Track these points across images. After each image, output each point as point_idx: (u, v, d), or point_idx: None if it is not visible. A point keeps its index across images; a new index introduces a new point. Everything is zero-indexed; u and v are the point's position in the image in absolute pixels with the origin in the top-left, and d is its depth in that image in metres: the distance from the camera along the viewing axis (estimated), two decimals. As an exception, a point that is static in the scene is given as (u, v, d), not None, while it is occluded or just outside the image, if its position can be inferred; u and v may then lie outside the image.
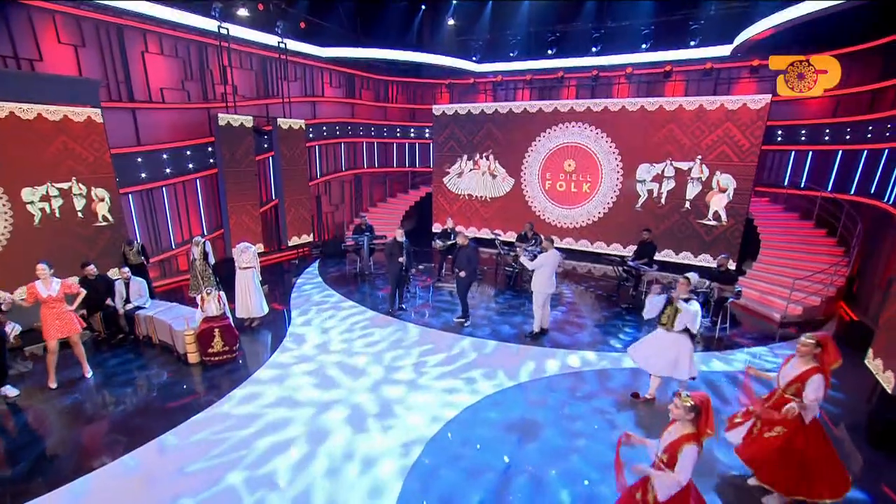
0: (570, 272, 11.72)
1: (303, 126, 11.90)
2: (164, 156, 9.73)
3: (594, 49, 12.65)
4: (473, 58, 14.63)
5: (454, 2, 14.24)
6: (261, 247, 11.09)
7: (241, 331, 7.39)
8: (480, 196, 14.39)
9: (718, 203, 11.04)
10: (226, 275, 9.22)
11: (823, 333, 3.85)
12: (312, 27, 12.65)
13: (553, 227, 13.23)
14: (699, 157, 11.08)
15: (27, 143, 7.17)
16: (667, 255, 11.53)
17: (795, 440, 3.86)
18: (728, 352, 7.28)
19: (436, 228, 15.08)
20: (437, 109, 14.45)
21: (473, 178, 14.34)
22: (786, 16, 9.40)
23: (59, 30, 7.91)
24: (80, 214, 7.96)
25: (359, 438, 4.92)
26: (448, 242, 10.21)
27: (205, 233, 10.69)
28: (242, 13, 10.69)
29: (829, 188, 10.69)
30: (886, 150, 8.95)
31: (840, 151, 10.56)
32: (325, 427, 5.11)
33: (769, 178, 12.17)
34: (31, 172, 7.28)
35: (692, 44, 11.58)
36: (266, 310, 7.90)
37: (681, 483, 2.87)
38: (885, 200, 8.56)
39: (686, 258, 11.64)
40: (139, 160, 9.31)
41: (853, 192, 9.90)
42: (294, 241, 12.19)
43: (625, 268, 9.35)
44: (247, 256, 7.66)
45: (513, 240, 12.15)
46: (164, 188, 9.90)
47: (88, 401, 5.66)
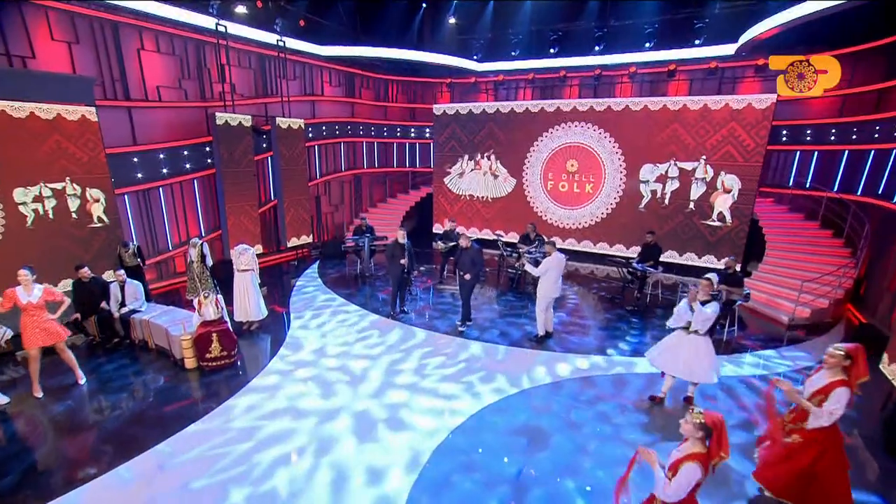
0: (573, 273, 11.56)
1: (302, 125, 11.73)
2: (161, 155, 9.55)
3: (597, 48, 12.50)
4: (474, 57, 14.47)
5: (455, 0, 14.09)
6: (259, 248, 10.91)
7: (240, 335, 7.23)
8: (482, 196, 14.24)
9: (723, 204, 10.93)
10: (224, 277, 9.07)
11: (854, 345, 3.60)
12: (312, 25, 12.48)
13: (555, 228, 13.10)
14: (703, 158, 10.96)
15: (19, 143, 6.98)
16: (670, 257, 11.40)
17: (807, 451, 3.72)
18: (736, 355, 7.14)
19: (437, 229, 14.96)
20: (438, 109, 14.29)
21: (475, 179, 14.20)
22: (791, 15, 9.28)
23: (53, 26, 7.72)
24: (75, 215, 7.77)
25: (363, 448, 4.75)
26: (450, 244, 10.05)
27: (202, 234, 10.52)
28: (240, 10, 10.51)
29: (835, 188, 10.56)
30: (894, 151, 8.83)
31: (846, 151, 10.43)
32: (328, 436, 4.93)
33: (774, 179, 12.05)
34: (24, 172, 7.09)
35: (697, 43, 11.44)
36: (265, 313, 7.73)
37: (668, 497, 2.74)
38: (894, 201, 8.45)
39: (690, 259, 11.52)
40: (135, 160, 9.12)
41: (860, 193, 9.77)
42: (293, 243, 12.02)
43: (630, 270, 9.19)
44: (245, 258, 7.48)
45: (514, 240, 12.03)
46: (161, 189, 9.72)
47: (82, 408, 5.48)
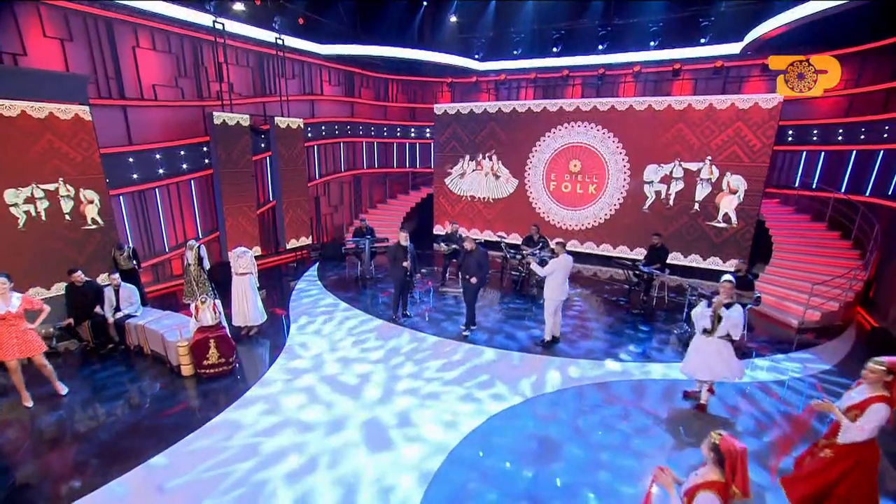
0: (576, 276, 11.38)
1: (301, 125, 11.53)
2: (157, 156, 9.33)
3: (601, 47, 12.34)
4: (476, 56, 14.30)
5: (456, -1, 13.96)
6: (258, 250, 10.70)
7: (238, 340, 7.05)
8: (483, 197, 14.06)
9: (728, 205, 10.78)
10: (222, 279, 8.89)
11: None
12: (311, 23, 12.27)
13: (558, 229, 12.92)
14: (709, 158, 10.81)
15: (10, 142, 6.76)
16: (675, 258, 11.23)
17: (835, 467, 3.54)
18: (746, 360, 6.97)
19: (437, 230, 14.78)
20: (439, 108, 14.11)
21: (476, 179, 14.02)
22: (798, 13, 9.14)
23: (45, 23, 7.50)
24: (68, 217, 7.54)
25: (370, 461, 4.56)
26: (452, 246, 9.87)
27: (199, 236, 10.31)
28: (238, 8, 10.31)
29: (843, 189, 10.42)
30: (905, 151, 8.70)
31: (854, 152, 10.29)
32: (331, 449, 4.73)
33: (779, 179, 11.91)
34: (15, 173, 6.85)
35: (702, 41, 11.29)
36: (264, 317, 7.54)
37: None
38: (905, 202, 8.32)
39: (695, 261, 11.37)
40: (130, 160, 8.91)
41: (869, 194, 9.63)
42: (292, 244, 11.81)
43: (636, 272, 9.02)
44: (244, 261, 7.28)
45: (517, 242, 11.86)
46: (157, 189, 9.50)
47: (73, 418, 5.27)
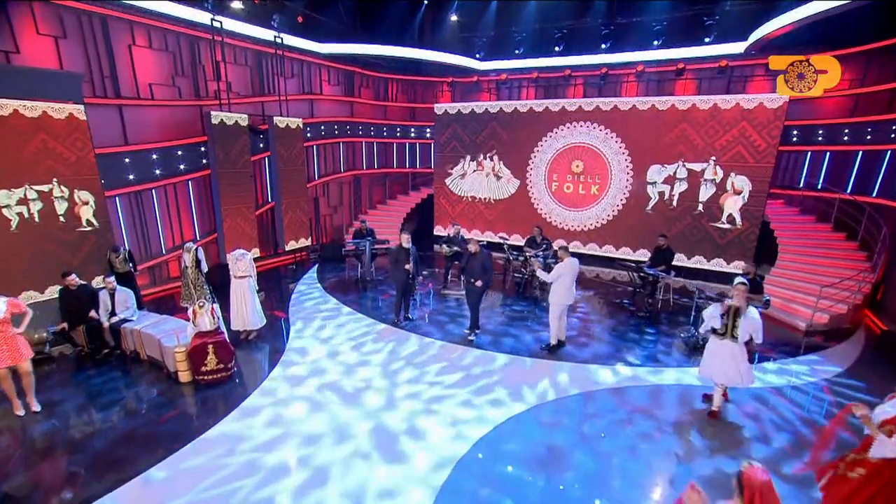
0: (578, 277, 11.20)
1: (300, 125, 11.36)
2: (154, 156, 9.16)
3: (603, 46, 12.21)
4: (477, 55, 14.16)
5: (457, -2, 13.81)
6: (256, 251, 10.53)
7: (237, 344, 6.87)
8: (484, 198, 13.92)
9: (733, 206, 10.68)
10: (220, 282, 8.73)
11: None
12: (310, 21, 12.10)
13: (560, 230, 12.80)
14: (713, 158, 10.70)
15: (3, 142, 6.57)
16: (678, 260, 11.03)
17: (868, 486, 3.40)
18: (755, 364, 6.85)
19: (438, 231, 14.64)
20: (439, 108, 13.97)
21: (477, 180, 13.88)
22: (803, 13, 9.04)
23: (38, 20, 7.32)
24: (62, 219, 7.36)
25: (376, 472, 4.40)
26: (454, 248, 9.72)
27: (197, 237, 10.14)
28: (236, 5, 10.14)
29: (849, 190, 10.32)
30: (912, 151, 8.59)
31: (860, 152, 10.18)
32: (336, 459, 4.57)
33: (784, 180, 11.79)
34: (7, 173, 6.68)
35: (706, 41, 11.17)
36: (264, 321, 7.37)
37: None
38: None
39: (699, 262, 11.26)
40: (126, 160, 8.73)
41: (876, 194, 9.52)
42: (292, 246, 11.64)
43: (641, 274, 8.89)
44: (242, 265, 7.12)
45: (517, 243, 11.73)
46: (154, 190, 9.32)
47: (67, 426, 5.10)
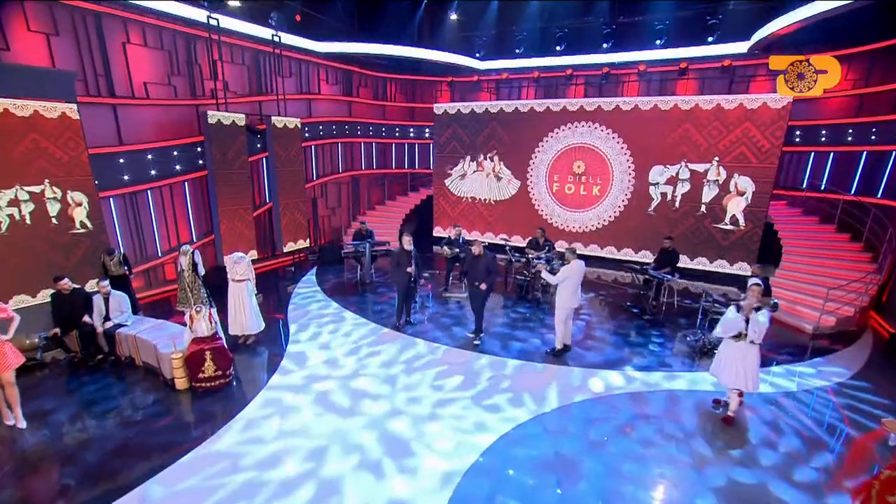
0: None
1: (298, 125, 11.18)
2: (149, 156, 8.96)
3: (605, 45, 12.10)
4: (477, 54, 14.02)
5: (457, -3, 13.67)
6: (254, 253, 10.35)
7: (235, 349, 6.70)
8: (484, 199, 13.78)
9: (736, 207, 10.59)
10: (217, 284, 8.55)
11: None
12: (308, 20, 11.92)
13: (561, 232, 12.68)
14: (716, 159, 10.60)
15: (-8, 142, 6.40)
16: (681, 261, 10.95)
17: None
18: (762, 369, 6.73)
19: (437, 232, 14.49)
20: (439, 108, 13.81)
21: (477, 180, 13.74)
22: (807, 12, 8.96)
23: (29, 16, 7.11)
24: (55, 221, 7.16)
25: (385, 484, 4.24)
26: (455, 250, 9.57)
27: (193, 239, 9.94)
28: (233, 3, 9.96)
29: (853, 191, 10.24)
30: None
31: (864, 153, 10.11)
32: (342, 472, 4.40)
33: (787, 181, 11.71)
34: (-3, 174, 6.50)
35: (709, 40, 11.08)
36: (262, 326, 7.19)
37: None
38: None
39: (701, 264, 11.16)
40: (121, 161, 8.54)
41: (881, 195, 9.44)
42: (290, 248, 11.46)
43: (646, 277, 8.77)
44: (240, 268, 6.94)
45: (519, 245, 11.59)
46: (149, 191, 9.12)
47: (58, 437, 4.92)
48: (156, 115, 9.02)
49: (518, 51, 13.56)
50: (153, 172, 9.07)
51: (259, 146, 10.94)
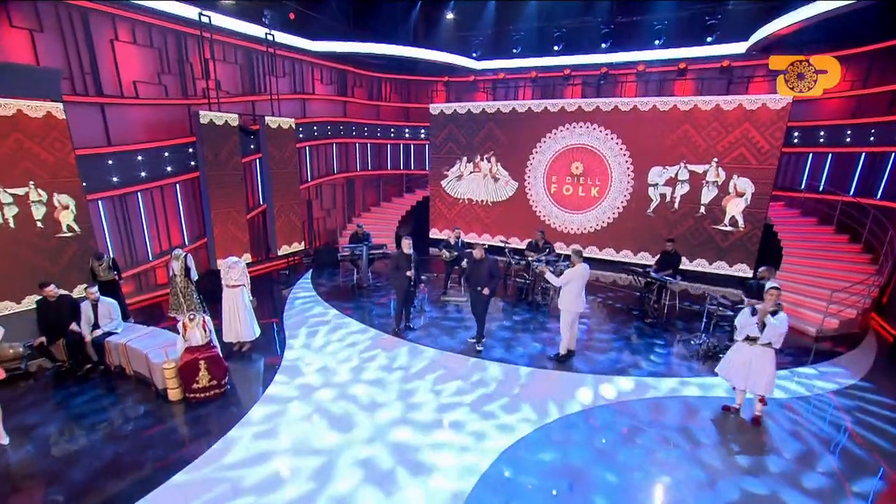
0: (581, 281, 11.03)
1: (293, 125, 10.95)
2: (139, 157, 8.70)
3: (604, 45, 12.01)
4: (473, 54, 13.88)
5: (453, -4, 13.52)
6: (248, 257, 10.11)
7: (230, 357, 6.47)
8: (481, 200, 13.63)
9: (735, 208, 10.54)
10: (210, 288, 8.32)
11: None
12: (302, 18, 11.70)
13: (559, 233, 12.56)
14: (715, 160, 10.54)
15: (-27, 143, 6.13)
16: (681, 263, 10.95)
17: None
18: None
19: (436, 235, 14.31)
20: (435, 108, 13.64)
21: (474, 182, 13.59)
22: (807, 13, 8.94)
23: (11, 12, 6.83)
24: (40, 224, 6.89)
25: (396, 498, 4.07)
26: (455, 253, 9.41)
27: (186, 242, 9.68)
28: (225, 0, 9.71)
29: (852, 192, 10.23)
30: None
31: (863, 154, 10.10)
32: (344, 492, 4.21)
33: (785, 182, 11.69)
34: (-21, 176, 6.24)
35: (708, 40, 11.03)
36: (257, 332, 6.97)
37: None
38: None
39: (700, 265, 11.09)
40: (110, 162, 8.27)
41: (880, 197, 9.43)
42: (284, 250, 11.22)
43: (647, 279, 8.66)
44: (235, 273, 6.71)
45: (515, 247, 11.44)
46: (140, 193, 8.85)
47: (43, 453, 4.66)
48: (146, 115, 8.76)
49: (515, 50, 13.45)
50: (143, 174, 8.80)
51: (252, 147, 10.70)
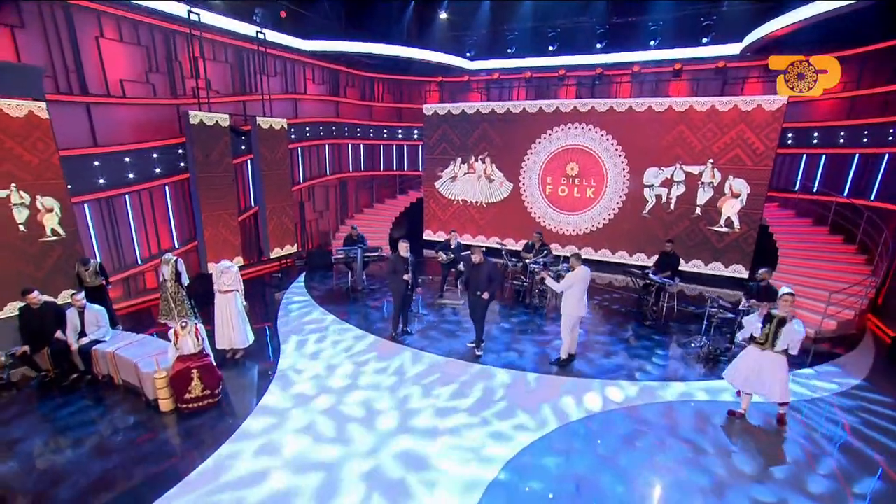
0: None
1: (285, 126, 10.74)
2: (127, 158, 8.43)
3: (599, 46, 11.96)
4: (468, 54, 13.76)
5: (447, -4, 13.39)
6: (240, 260, 9.89)
7: (222, 365, 6.26)
8: (476, 201, 13.52)
9: (731, 209, 10.55)
10: (201, 292, 8.10)
11: None
12: (294, 17, 11.49)
13: (555, 234, 12.49)
14: (711, 161, 10.55)
15: (-49, 144, 5.87)
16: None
17: None
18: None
19: (430, 236, 14.18)
20: (429, 109, 13.50)
21: (468, 183, 13.48)
22: (802, 14, 8.98)
23: (-7, 7, 6.60)
24: (23, 228, 6.62)
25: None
26: (451, 255, 9.28)
27: (176, 246, 9.42)
28: (216, -2, 9.51)
29: (845, 193, 10.28)
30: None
31: (857, 155, 10.16)
32: None
33: (779, 182, 11.73)
34: (-42, 179, 5.97)
35: (704, 41, 11.03)
36: (251, 339, 6.77)
37: None
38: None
39: (696, 267, 11.09)
40: (96, 163, 8.00)
41: (874, 198, 9.48)
42: (277, 253, 11.00)
43: (646, 281, 8.61)
44: (228, 277, 6.51)
45: (512, 248, 11.35)
46: (128, 196, 8.59)
47: (27, 469, 4.44)
48: (133, 115, 8.50)
49: (510, 51, 13.36)
50: (131, 175, 8.54)
51: (244, 148, 10.47)
